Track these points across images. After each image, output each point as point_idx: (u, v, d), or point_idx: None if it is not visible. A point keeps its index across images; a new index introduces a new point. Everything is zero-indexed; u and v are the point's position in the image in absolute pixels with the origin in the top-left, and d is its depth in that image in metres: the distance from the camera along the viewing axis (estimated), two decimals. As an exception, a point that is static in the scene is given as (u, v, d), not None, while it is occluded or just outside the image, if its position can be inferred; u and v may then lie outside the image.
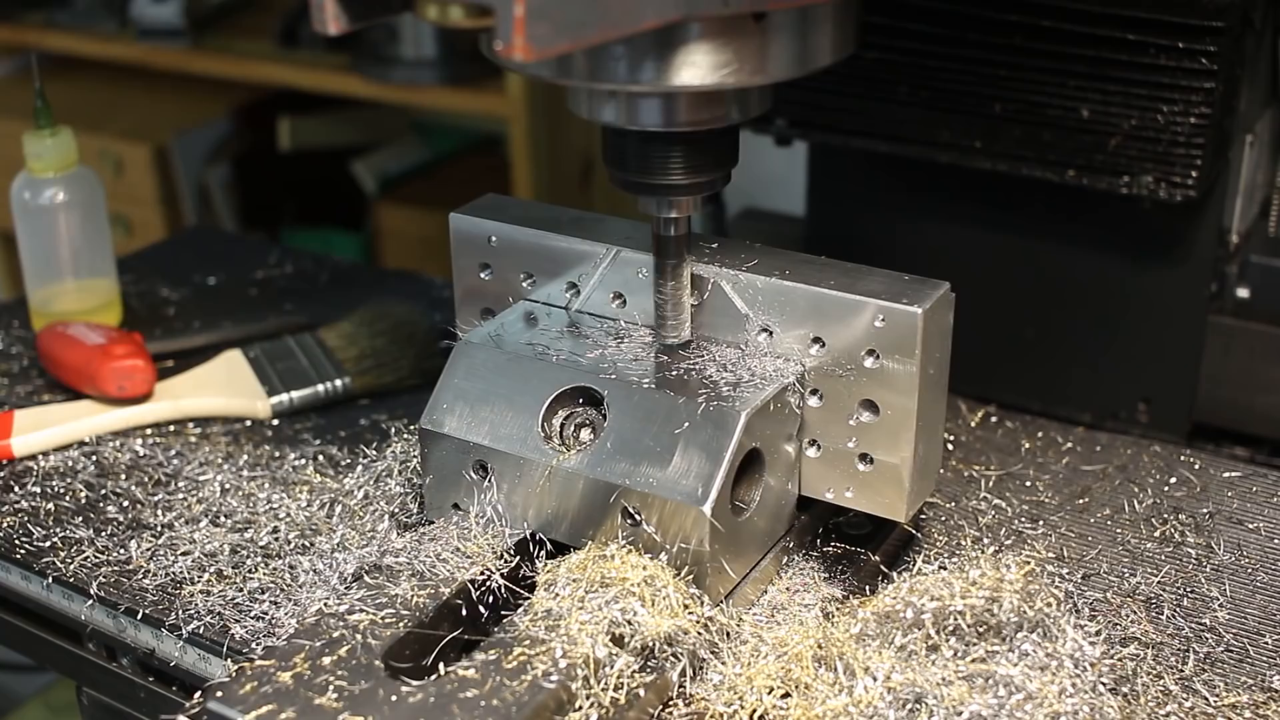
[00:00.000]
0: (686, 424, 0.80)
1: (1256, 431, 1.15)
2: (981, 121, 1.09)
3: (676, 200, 0.84)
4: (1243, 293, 1.17)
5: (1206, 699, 0.79)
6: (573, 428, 0.85)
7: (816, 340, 0.84)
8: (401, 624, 0.78)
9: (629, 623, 0.77)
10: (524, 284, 0.93)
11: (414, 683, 0.73)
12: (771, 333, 0.85)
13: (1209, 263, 1.12)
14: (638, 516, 0.81)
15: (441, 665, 0.75)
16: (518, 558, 0.83)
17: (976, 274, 0.86)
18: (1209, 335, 1.14)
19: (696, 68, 0.74)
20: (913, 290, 0.82)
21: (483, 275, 0.94)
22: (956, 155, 1.11)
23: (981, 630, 0.77)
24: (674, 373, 0.84)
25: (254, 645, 0.84)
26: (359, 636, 0.76)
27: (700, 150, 0.82)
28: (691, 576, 0.80)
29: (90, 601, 0.90)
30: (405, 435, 0.98)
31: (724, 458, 0.79)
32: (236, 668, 0.75)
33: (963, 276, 0.84)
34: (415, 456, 0.96)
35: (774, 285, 0.84)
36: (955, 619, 0.77)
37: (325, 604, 0.80)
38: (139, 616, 0.88)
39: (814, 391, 0.85)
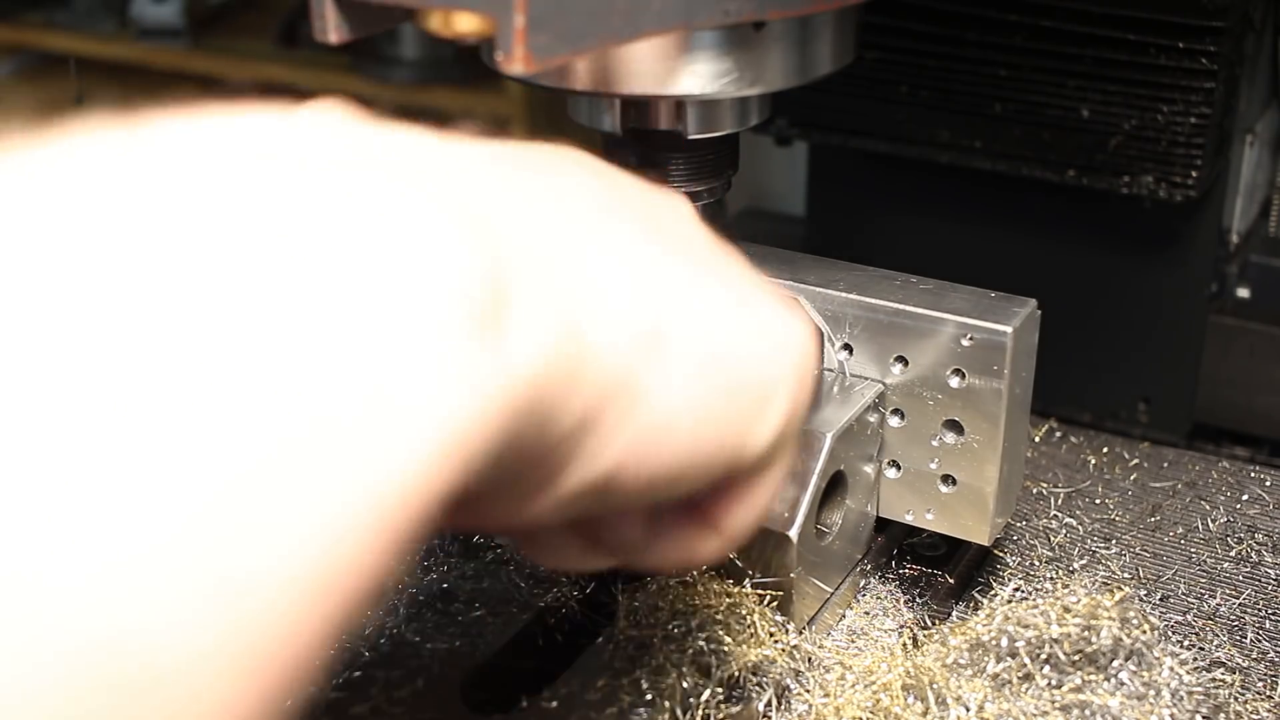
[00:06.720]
0: (769, 446, 0.78)
1: (1256, 431, 1.14)
2: (981, 121, 1.08)
3: None
4: (1243, 293, 1.17)
5: (1299, 725, 0.78)
6: (648, 449, 0.82)
7: (899, 359, 0.81)
8: (479, 653, 0.76)
9: (714, 652, 0.74)
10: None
11: (497, 717, 0.71)
12: (852, 350, 0.83)
13: (1209, 263, 1.11)
14: (719, 541, 0.78)
15: (523, 698, 0.72)
16: (594, 583, 0.81)
17: (976, 274, 0.84)
18: (1209, 335, 1.13)
19: (697, 76, 0.72)
20: (1000, 308, 0.80)
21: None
22: (956, 155, 1.10)
23: (1077, 659, 0.75)
24: (752, 392, 0.82)
25: (315, 672, 0.81)
26: (435, 667, 0.74)
27: (699, 158, 0.80)
28: (775, 603, 0.78)
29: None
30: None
31: (810, 481, 0.77)
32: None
33: (962, 277, 0.82)
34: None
35: (855, 302, 0.82)
36: (1051, 647, 0.75)
37: (395, 631, 0.77)
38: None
39: (895, 411, 0.82)
